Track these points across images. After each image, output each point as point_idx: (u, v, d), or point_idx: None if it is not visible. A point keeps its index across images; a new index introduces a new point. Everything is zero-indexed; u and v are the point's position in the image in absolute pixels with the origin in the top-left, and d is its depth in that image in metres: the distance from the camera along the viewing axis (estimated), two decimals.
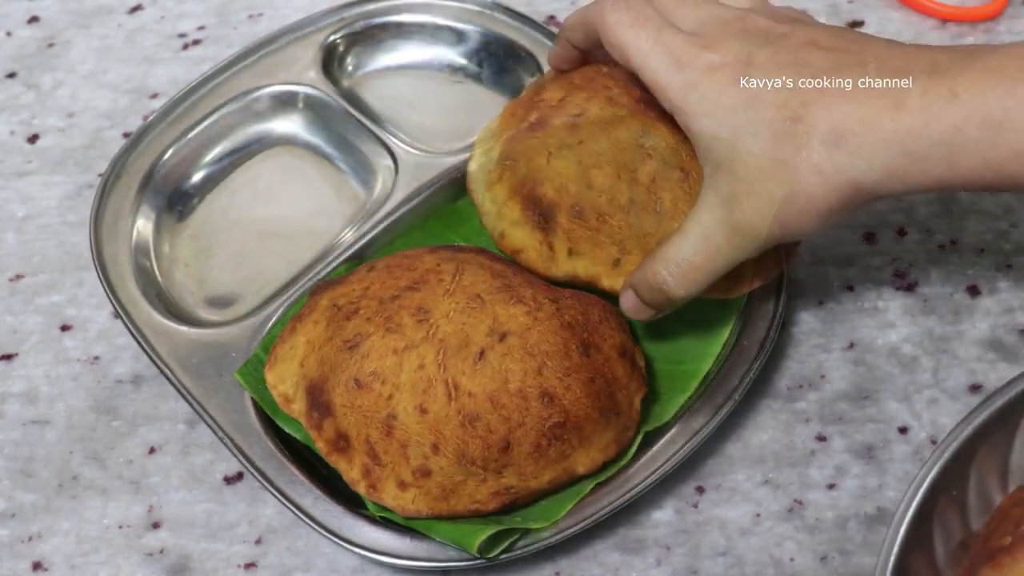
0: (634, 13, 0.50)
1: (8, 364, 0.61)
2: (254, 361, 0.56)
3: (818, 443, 0.56)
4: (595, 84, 0.56)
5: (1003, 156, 0.43)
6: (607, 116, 0.54)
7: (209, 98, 0.67)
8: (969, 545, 0.46)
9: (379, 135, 0.65)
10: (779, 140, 0.46)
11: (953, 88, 0.44)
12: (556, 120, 0.55)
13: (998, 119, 0.43)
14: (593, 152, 0.53)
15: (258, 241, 0.63)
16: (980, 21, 0.71)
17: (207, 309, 0.61)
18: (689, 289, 0.50)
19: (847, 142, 0.45)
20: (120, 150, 0.64)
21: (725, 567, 0.52)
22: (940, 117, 0.44)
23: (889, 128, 0.44)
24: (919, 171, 0.45)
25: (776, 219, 0.47)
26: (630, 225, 0.53)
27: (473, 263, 0.53)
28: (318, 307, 0.54)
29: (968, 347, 0.58)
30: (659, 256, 0.50)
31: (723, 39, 0.48)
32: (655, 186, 0.53)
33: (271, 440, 0.54)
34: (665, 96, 0.49)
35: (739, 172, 0.47)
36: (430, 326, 0.50)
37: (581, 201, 0.53)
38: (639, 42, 0.49)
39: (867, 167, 0.45)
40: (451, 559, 0.50)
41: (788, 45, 0.47)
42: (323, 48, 0.69)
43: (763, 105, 0.46)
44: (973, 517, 0.47)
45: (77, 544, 0.55)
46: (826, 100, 0.45)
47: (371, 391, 0.50)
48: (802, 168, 0.46)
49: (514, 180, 0.55)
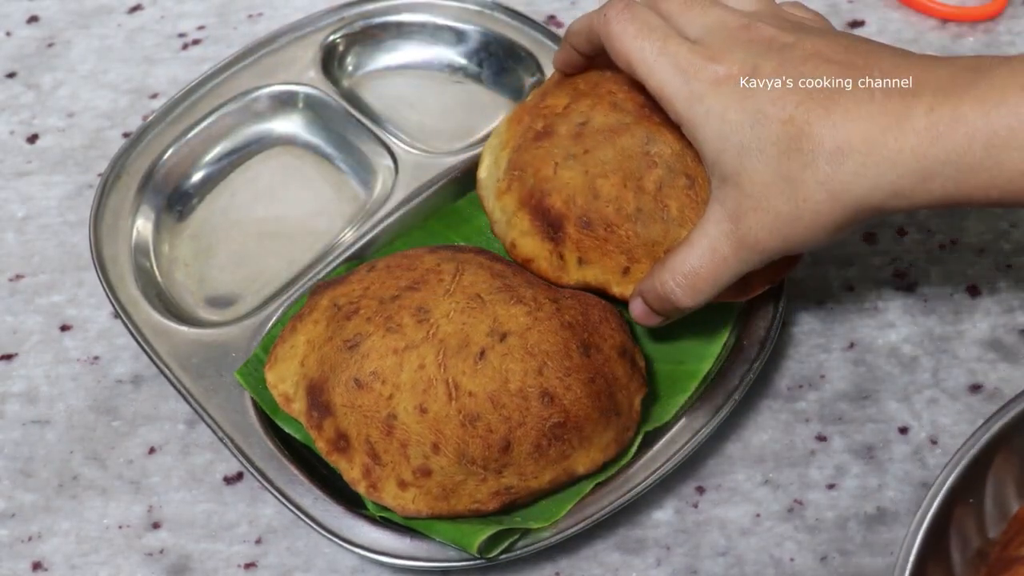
0: (639, 23, 0.50)
1: (8, 364, 0.61)
2: (254, 361, 0.56)
3: (818, 443, 0.56)
4: (599, 90, 0.56)
5: (1009, 175, 0.43)
6: (612, 123, 0.54)
7: (209, 98, 0.67)
8: (986, 553, 0.46)
9: (379, 135, 0.65)
10: (785, 157, 0.46)
11: (958, 107, 0.43)
12: (562, 128, 0.55)
13: (1003, 138, 0.43)
14: (599, 161, 0.53)
15: (258, 241, 0.63)
16: (980, 21, 0.71)
17: (207, 309, 0.61)
18: (696, 299, 0.50)
19: (852, 160, 0.45)
20: (120, 150, 0.64)
21: (725, 567, 0.52)
22: (945, 137, 0.43)
23: (894, 148, 0.44)
24: (925, 190, 0.44)
25: (782, 234, 0.47)
26: (638, 234, 0.53)
27: (473, 263, 0.53)
28: (318, 307, 0.54)
29: (968, 347, 0.58)
30: (667, 266, 0.50)
31: (729, 49, 0.48)
32: (661, 194, 0.53)
33: (271, 440, 0.54)
34: (672, 107, 0.49)
35: (745, 187, 0.47)
36: (430, 326, 0.50)
37: (589, 212, 0.53)
38: (644, 53, 0.49)
39: (872, 185, 0.45)
40: (451, 559, 0.50)
41: (794, 57, 0.47)
42: (323, 48, 0.69)
43: (768, 121, 0.46)
44: (990, 525, 0.46)
45: (77, 544, 0.55)
46: (831, 118, 0.45)
47: (371, 391, 0.50)
48: (808, 185, 0.46)
49: (522, 191, 0.55)
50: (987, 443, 0.45)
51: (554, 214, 0.54)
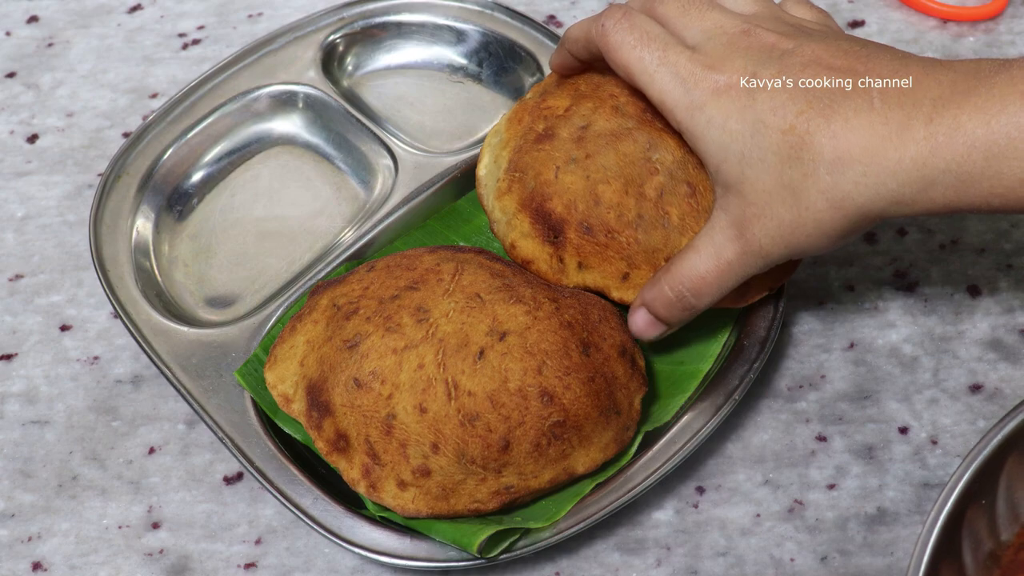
0: (638, 33, 0.50)
1: (7, 364, 0.61)
2: (254, 361, 0.56)
3: (818, 443, 0.56)
4: (601, 92, 0.55)
5: (1009, 184, 0.43)
6: (614, 128, 0.54)
7: (209, 98, 0.67)
8: (999, 556, 0.46)
9: (379, 135, 0.64)
10: (786, 166, 0.46)
11: (957, 116, 0.43)
12: (563, 132, 0.55)
13: (1002, 147, 0.42)
14: (601, 167, 0.53)
15: (258, 241, 0.63)
16: (980, 21, 0.71)
17: (207, 309, 0.61)
18: (699, 305, 0.51)
19: (852, 170, 0.45)
20: (119, 150, 0.64)
21: (725, 567, 0.52)
22: (945, 147, 0.43)
23: (894, 158, 0.44)
24: (927, 198, 0.44)
25: (786, 241, 0.47)
26: (638, 240, 0.53)
27: (472, 263, 0.53)
28: (318, 307, 0.54)
29: (969, 347, 0.58)
30: (672, 272, 0.50)
31: (729, 57, 0.48)
32: (663, 201, 0.53)
33: (271, 440, 0.54)
34: (673, 117, 0.49)
35: (748, 195, 0.47)
36: (430, 325, 0.50)
37: (589, 218, 0.53)
38: (644, 64, 0.49)
39: (874, 195, 0.45)
40: (451, 559, 0.50)
41: (793, 64, 0.47)
42: (322, 48, 0.69)
43: (768, 130, 0.46)
44: (1002, 527, 0.46)
45: (77, 544, 0.55)
46: (831, 128, 0.45)
47: (371, 391, 0.50)
48: (810, 194, 0.46)
49: (523, 193, 0.55)
50: (999, 443, 0.45)
51: (555, 218, 0.54)
